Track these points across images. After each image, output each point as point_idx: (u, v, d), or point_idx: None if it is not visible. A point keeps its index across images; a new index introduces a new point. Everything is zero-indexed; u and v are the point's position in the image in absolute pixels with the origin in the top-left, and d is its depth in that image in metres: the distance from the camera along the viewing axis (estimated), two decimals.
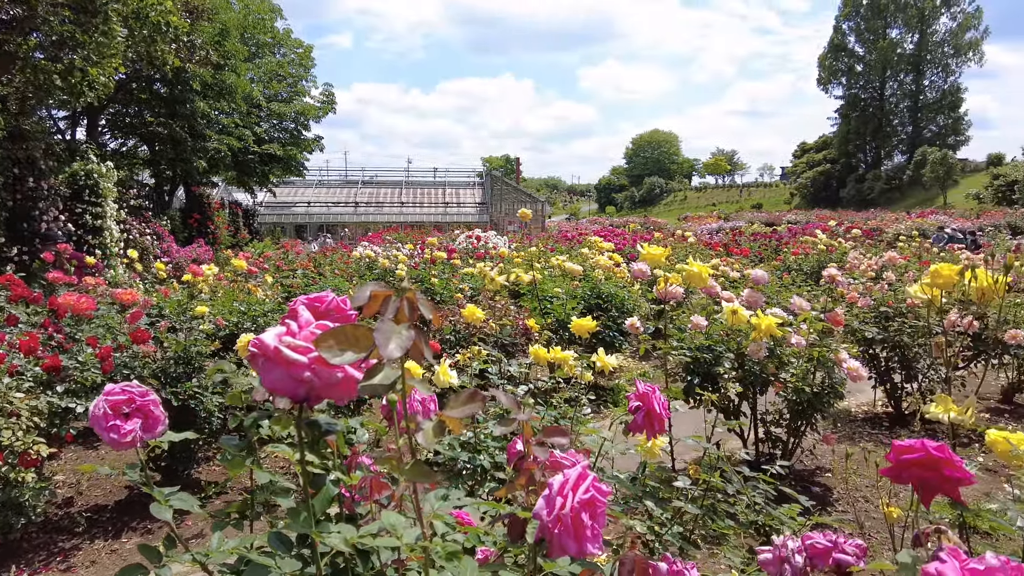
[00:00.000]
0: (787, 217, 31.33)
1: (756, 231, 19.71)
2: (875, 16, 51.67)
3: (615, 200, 74.77)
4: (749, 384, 3.75)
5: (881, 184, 46.71)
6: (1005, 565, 0.63)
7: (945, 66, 50.40)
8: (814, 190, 51.46)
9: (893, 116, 52.14)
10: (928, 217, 26.11)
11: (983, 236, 19.04)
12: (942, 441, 1.00)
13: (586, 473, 0.89)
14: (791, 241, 11.97)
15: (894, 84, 52.25)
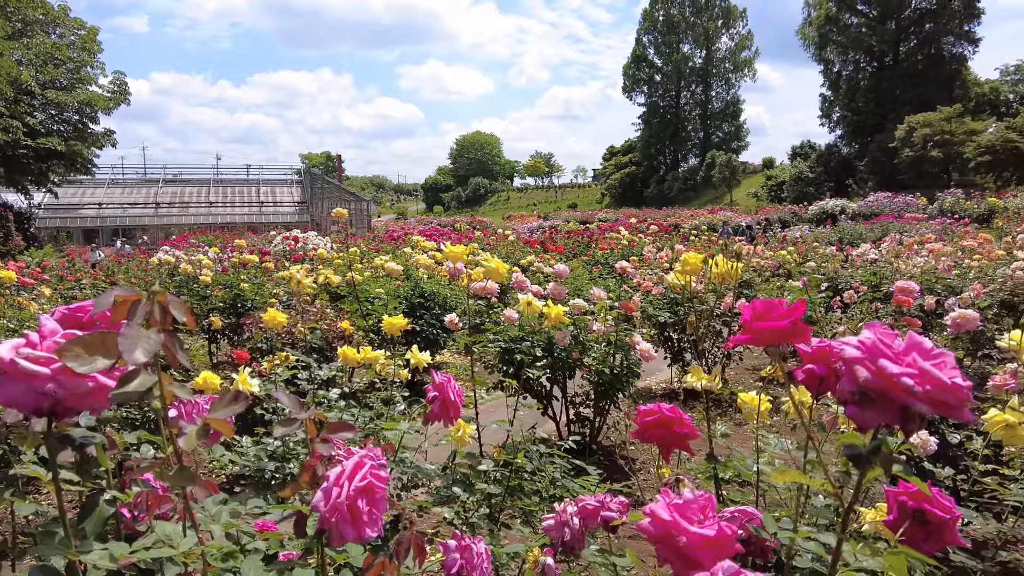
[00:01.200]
0: (599, 215, 33.64)
1: (571, 229, 20.96)
2: (670, 32, 57.09)
3: (442, 200, 75.34)
4: (559, 370, 4.02)
5: (679, 184, 51.72)
6: (699, 498, 0.77)
7: (728, 80, 57.03)
8: (622, 190, 55.73)
9: (688, 123, 57.95)
10: (717, 213, 29.41)
11: (759, 229, 21.86)
12: (725, 410, 1.17)
13: (363, 462, 0.93)
14: (600, 238, 12.89)
15: (687, 94, 58.09)
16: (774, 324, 0.69)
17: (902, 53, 41.37)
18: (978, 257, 6.24)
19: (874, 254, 6.48)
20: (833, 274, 6.46)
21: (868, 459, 0.64)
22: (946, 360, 0.63)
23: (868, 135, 38.76)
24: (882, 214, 19.84)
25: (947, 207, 19.62)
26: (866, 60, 43.22)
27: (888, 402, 0.61)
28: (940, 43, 40.30)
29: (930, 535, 0.91)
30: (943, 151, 29.92)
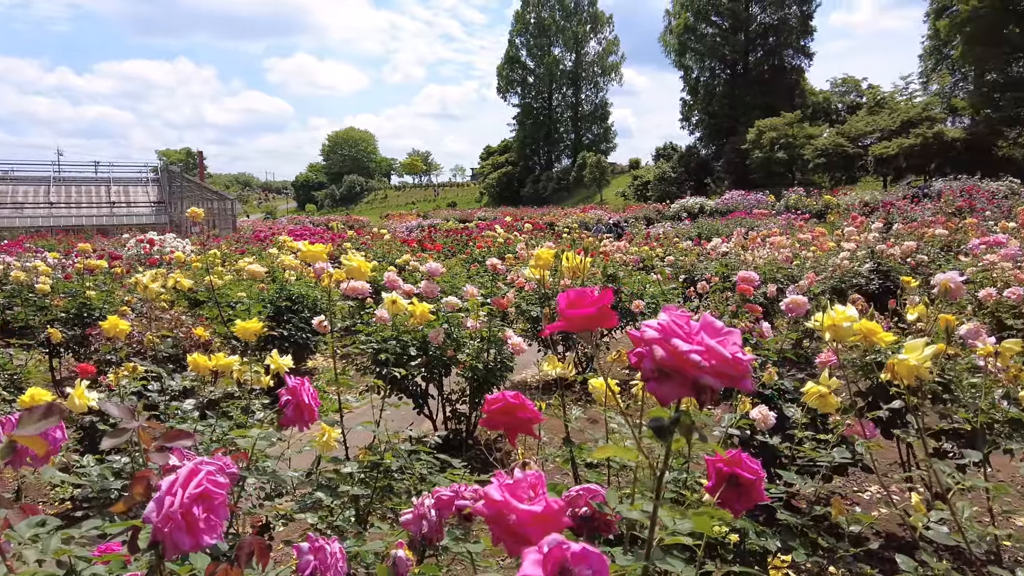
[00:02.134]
0: (478, 214, 33.93)
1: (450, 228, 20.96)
2: (541, 34, 58.52)
3: (315, 198, 72.74)
4: (434, 368, 4.02)
5: (553, 184, 53.21)
6: (527, 476, 0.81)
7: (596, 83, 59.36)
8: (499, 189, 56.52)
9: (560, 124, 59.72)
10: (589, 212, 30.54)
11: (627, 226, 22.98)
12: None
13: (198, 469, 0.89)
14: (478, 236, 13.00)
15: (559, 96, 59.84)
16: (583, 311, 0.75)
17: (751, 63, 44.97)
18: (814, 249, 6.94)
19: (725, 247, 7.04)
20: (690, 267, 6.93)
21: (669, 430, 0.71)
22: (731, 337, 0.71)
23: (723, 137, 41.79)
24: (736, 211, 21.52)
25: (791, 204, 21.60)
26: (721, 68, 46.57)
27: (682, 377, 0.68)
28: (782, 55, 44.25)
29: (741, 496, 1.02)
30: (787, 153, 32.87)
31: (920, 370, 1.20)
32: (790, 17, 43.82)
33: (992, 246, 4.87)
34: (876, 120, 31.01)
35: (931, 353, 1.21)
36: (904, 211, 14.43)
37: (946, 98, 33.55)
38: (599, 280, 6.08)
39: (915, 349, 1.21)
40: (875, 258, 5.99)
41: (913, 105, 31.72)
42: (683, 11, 46.12)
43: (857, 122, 32.32)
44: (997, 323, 4.39)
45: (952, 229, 7.71)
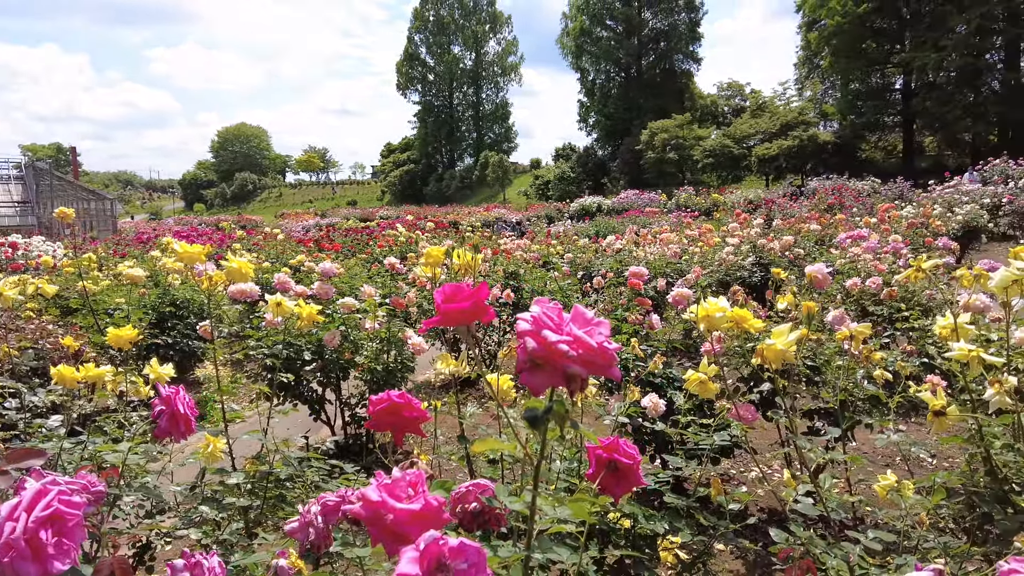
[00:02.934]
0: (380, 213, 33.33)
1: (350, 227, 20.47)
2: (441, 32, 58.23)
3: (204, 197, 68.90)
4: (331, 371, 3.91)
5: (457, 182, 53.11)
6: (406, 475, 0.80)
7: (496, 83, 59.77)
8: (401, 187, 55.79)
9: (461, 123, 59.68)
10: (492, 211, 30.72)
11: (529, 225, 23.31)
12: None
13: (46, 490, 0.82)
14: (379, 235, 12.78)
15: (460, 95, 59.78)
16: (459, 306, 0.75)
17: (644, 66, 46.77)
18: (701, 244, 7.31)
19: (618, 244, 7.29)
20: (587, 263, 7.12)
21: (543, 419, 0.72)
22: (599, 328, 0.73)
23: (619, 138, 43.24)
24: (631, 209, 22.32)
25: (682, 202, 22.67)
26: (615, 71, 48.14)
27: (552, 367, 0.69)
28: (672, 60, 46.34)
29: (620, 480, 1.05)
30: (678, 154, 34.45)
31: (786, 354, 1.29)
32: (679, 23, 45.95)
33: (856, 240, 5.32)
34: (758, 123, 33.09)
35: (795, 338, 1.30)
36: (784, 208, 15.49)
37: (819, 104, 36.30)
38: (500, 278, 6.13)
39: (781, 335, 1.30)
40: (757, 252, 6.39)
41: (791, 109, 34.12)
42: (579, 14, 47.33)
43: (741, 124, 34.36)
44: (861, 310, 4.79)
45: (824, 224, 8.35)
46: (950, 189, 15.38)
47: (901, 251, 5.04)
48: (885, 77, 32.36)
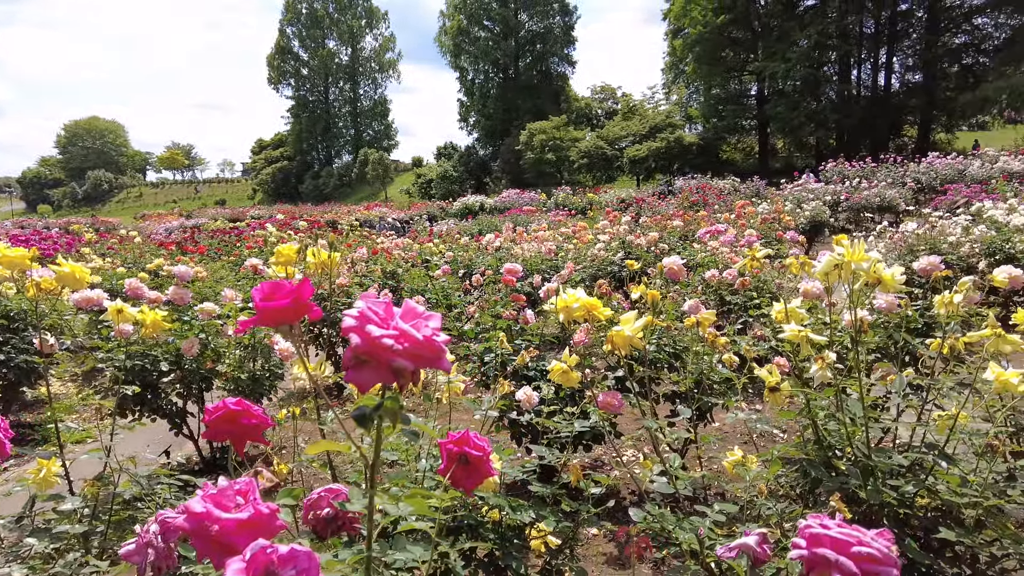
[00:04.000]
0: (251, 212, 31.67)
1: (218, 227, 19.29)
2: (314, 26, 56.21)
3: (50, 198, 62.44)
4: (192, 382, 3.66)
5: (335, 180, 51.55)
6: (233, 484, 0.76)
7: (374, 79, 58.57)
8: (275, 186, 53.39)
9: (338, 119, 57.95)
10: (373, 209, 30.07)
11: (412, 224, 23.07)
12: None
13: None
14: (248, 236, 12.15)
15: (336, 90, 58.04)
16: (278, 304, 0.72)
17: (522, 68, 47.57)
18: (576, 241, 7.55)
19: (498, 242, 7.38)
20: (468, 261, 7.15)
21: (371, 417, 0.71)
22: (428, 321, 0.72)
23: (499, 138, 43.75)
24: (513, 208, 22.65)
25: (560, 201, 23.28)
26: (494, 71, 48.62)
27: (378, 362, 0.68)
28: (548, 62, 47.49)
29: (471, 473, 1.06)
30: (556, 154, 35.38)
31: (633, 339, 1.35)
32: (554, 26, 47.17)
33: (714, 234, 5.69)
34: (629, 125, 34.66)
35: (641, 324, 1.37)
36: (653, 206, 16.34)
37: (684, 107, 38.57)
38: (379, 278, 6.01)
39: (628, 322, 1.37)
40: (626, 248, 6.69)
41: (659, 113, 36.00)
42: (456, 13, 47.36)
43: (614, 127, 35.86)
44: (720, 299, 5.14)
45: (687, 221, 8.89)
46: (799, 187, 16.86)
47: (753, 244, 5.45)
48: (742, 84, 34.94)
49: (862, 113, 30.01)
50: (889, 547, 0.72)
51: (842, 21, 29.76)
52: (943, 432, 1.69)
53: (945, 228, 7.37)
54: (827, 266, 1.42)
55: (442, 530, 1.78)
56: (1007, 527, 1.50)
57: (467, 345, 3.28)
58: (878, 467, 1.55)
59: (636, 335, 1.36)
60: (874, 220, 12.57)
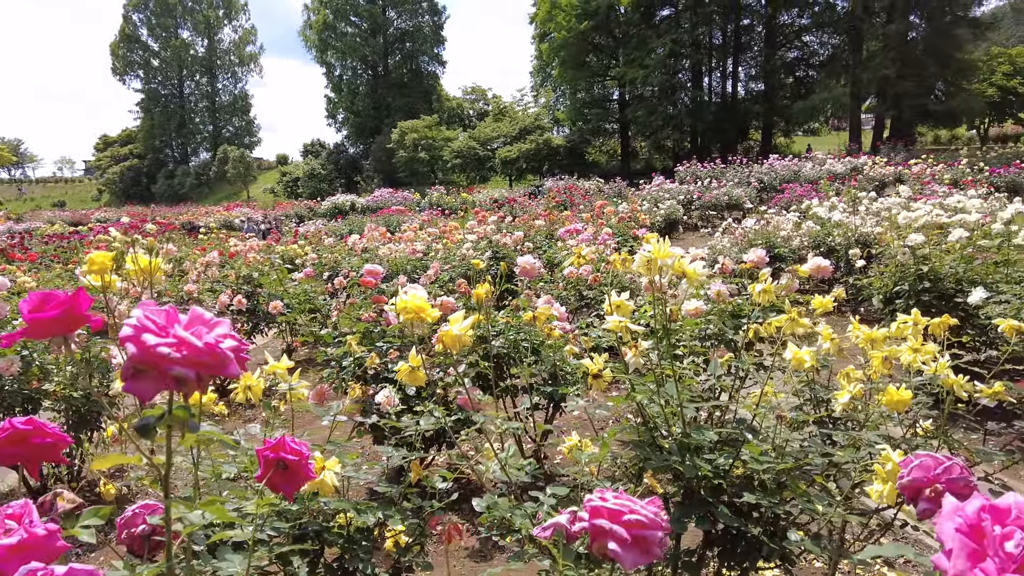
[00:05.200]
0: (96, 215, 28.93)
1: (56, 232, 17.48)
2: (165, 14, 52.18)
3: None
4: (13, 406, 3.31)
5: (192, 179, 48.21)
6: (10, 506, 0.72)
7: (234, 73, 55.34)
8: (124, 186, 49.10)
9: (195, 114, 54.24)
10: (235, 210, 28.46)
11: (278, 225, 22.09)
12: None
13: None
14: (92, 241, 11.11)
15: (192, 84, 54.28)
16: (47, 315, 0.69)
17: (391, 65, 46.90)
18: (445, 241, 7.58)
19: (364, 243, 7.26)
20: (334, 263, 6.98)
21: (153, 428, 0.70)
22: (212, 328, 0.72)
23: (370, 136, 42.89)
24: (386, 207, 22.30)
25: (434, 201, 23.23)
26: (363, 68, 47.55)
27: (158, 371, 0.68)
28: (419, 60, 47.17)
29: (291, 477, 1.06)
30: (429, 154, 35.25)
31: (462, 338, 1.41)
32: (424, 25, 46.92)
33: (573, 233, 5.94)
34: (500, 127, 35.22)
35: (470, 323, 1.43)
36: (524, 206, 16.73)
37: (552, 110, 39.73)
38: (232, 282, 5.72)
39: (456, 321, 1.41)
40: (493, 247, 6.82)
41: (528, 115, 36.85)
42: (322, 8, 45.84)
43: (485, 128, 36.29)
44: (579, 294, 5.38)
45: (553, 220, 9.20)
46: (656, 188, 17.93)
47: (607, 242, 5.75)
48: (605, 88, 36.54)
49: (713, 118, 32.42)
50: (657, 513, 0.81)
51: (694, 32, 31.97)
52: (751, 408, 1.89)
53: (780, 224, 8.15)
54: (641, 262, 1.54)
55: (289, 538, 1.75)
56: (800, 487, 1.71)
57: (324, 350, 3.22)
58: (695, 444, 1.71)
59: (464, 334, 1.41)
60: (722, 217, 13.62)
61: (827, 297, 2.38)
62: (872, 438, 1.80)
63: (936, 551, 0.65)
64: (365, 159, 42.24)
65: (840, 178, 16.03)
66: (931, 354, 1.97)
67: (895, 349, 1.99)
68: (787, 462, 1.77)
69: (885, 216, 6.44)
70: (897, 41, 26.96)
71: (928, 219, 4.59)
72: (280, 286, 5.50)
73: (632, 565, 0.78)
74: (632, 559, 0.78)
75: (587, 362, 1.77)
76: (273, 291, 5.55)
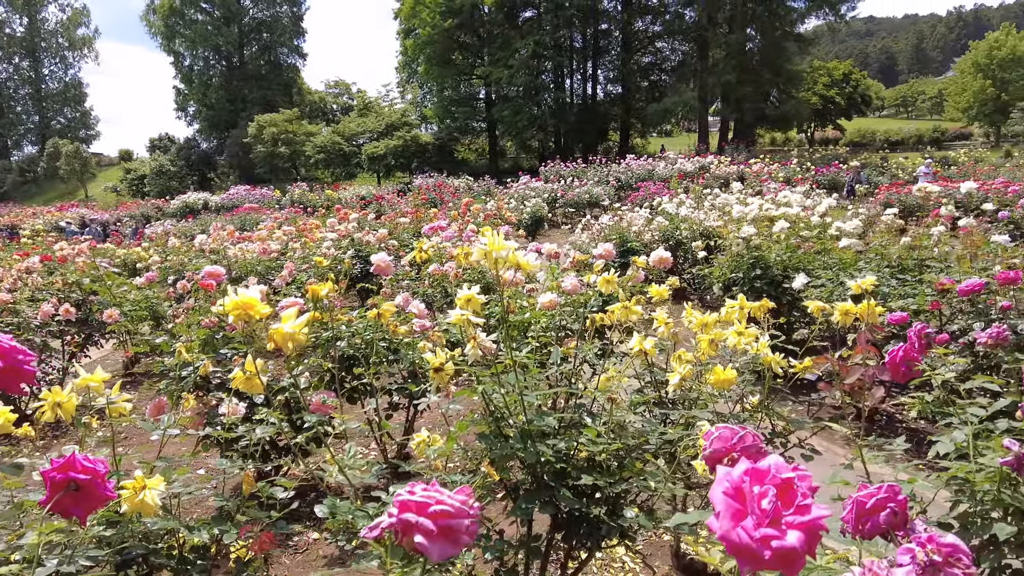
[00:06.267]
0: None
1: None
2: None
3: None
4: None
5: (15, 176, 42.95)
6: None
7: (63, 58, 49.85)
8: None
9: (16, 103, 48.39)
10: (69, 210, 25.69)
11: (121, 226, 20.18)
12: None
13: None
14: None
15: (11, 68, 48.26)
16: None
17: (247, 56, 44.34)
18: (305, 240, 7.28)
19: (210, 244, 6.81)
20: (179, 265, 6.49)
21: None
22: None
23: (225, 131, 40.32)
24: (243, 206, 21.03)
25: (296, 198, 22.25)
26: (216, 58, 44.58)
27: None
28: (277, 52, 44.97)
29: (84, 499, 0.96)
30: (290, 149, 33.72)
31: (295, 336, 1.35)
32: (282, 15, 44.79)
33: (437, 230, 5.92)
34: (366, 122, 34.41)
35: (304, 320, 1.37)
36: (392, 203, 16.45)
37: (419, 107, 39.37)
38: (59, 290, 5.16)
39: (288, 318, 1.35)
40: (356, 246, 6.64)
41: (395, 111, 36.25)
42: None
43: (350, 123, 35.31)
44: (444, 291, 5.37)
45: (419, 218, 9.12)
46: (523, 186, 18.31)
47: (471, 239, 5.78)
48: (472, 87, 36.72)
49: (575, 119, 33.63)
50: (465, 501, 0.82)
51: (555, 34, 32.92)
52: (591, 393, 1.98)
53: (632, 220, 8.60)
54: (478, 255, 1.56)
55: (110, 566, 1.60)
56: (636, 466, 1.81)
57: (161, 360, 2.98)
58: (537, 430, 1.76)
59: (298, 331, 1.36)
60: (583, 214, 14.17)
61: (663, 287, 2.54)
62: (702, 415, 1.94)
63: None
64: (220, 155, 39.63)
65: (690, 176, 17.20)
66: (753, 336, 2.15)
67: (720, 332, 2.15)
68: (625, 441, 1.87)
69: (726, 211, 6.99)
70: (737, 50, 29.41)
71: (758, 213, 5.05)
72: (111, 292, 5.02)
73: (440, 557, 0.78)
74: (439, 550, 0.78)
75: (429, 356, 1.76)
76: (107, 299, 5.06)
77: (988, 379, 2.00)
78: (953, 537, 0.90)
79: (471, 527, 0.81)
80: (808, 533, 0.66)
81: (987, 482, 1.55)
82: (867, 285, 2.29)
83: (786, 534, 0.65)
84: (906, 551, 0.91)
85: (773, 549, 0.64)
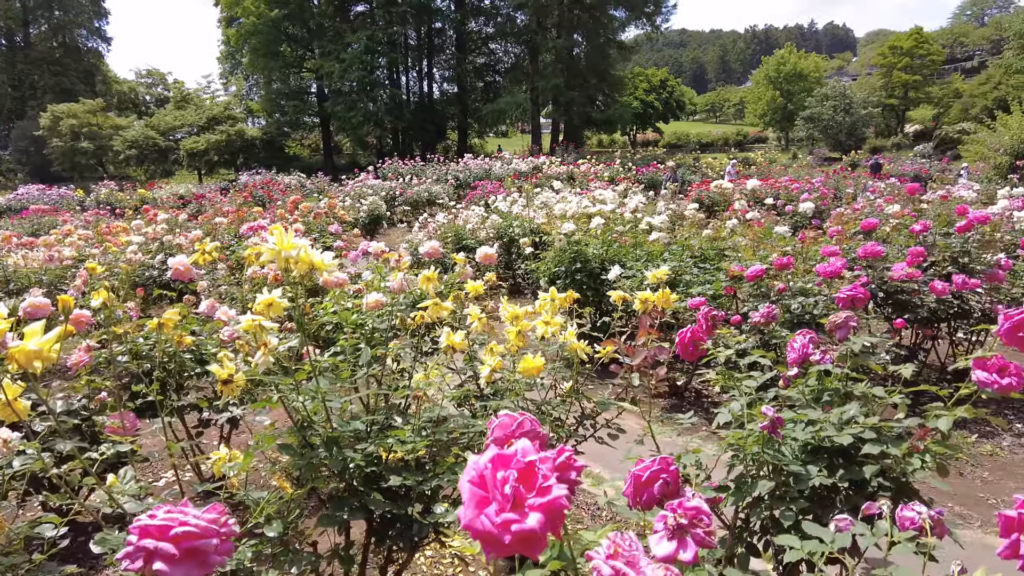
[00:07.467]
0: None
1: None
2: None
3: None
4: None
5: None
6: None
7: None
8: None
9: None
10: None
11: None
12: None
13: None
14: None
15: None
16: None
17: (34, 37, 38.97)
18: (108, 244, 6.53)
19: None
20: None
21: None
22: None
23: (10, 122, 35.19)
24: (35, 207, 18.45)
25: (103, 199, 19.94)
26: None
27: None
28: (74, 33, 39.98)
29: None
30: (94, 143, 30.16)
31: (42, 354, 1.19)
32: None
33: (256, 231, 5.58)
34: (184, 115, 31.67)
35: (55, 336, 1.21)
36: (215, 202, 15.27)
37: (244, 100, 36.93)
38: None
39: (34, 334, 1.19)
40: (166, 249, 6.08)
41: (217, 104, 33.71)
42: None
43: (166, 116, 32.31)
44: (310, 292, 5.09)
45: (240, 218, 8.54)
46: (359, 184, 17.83)
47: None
48: (303, 80, 35.07)
49: (412, 117, 33.35)
50: (215, 520, 0.76)
51: (388, 30, 32.40)
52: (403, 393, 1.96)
53: (468, 218, 8.70)
54: (269, 254, 1.48)
55: None
56: (447, 462, 1.82)
57: None
58: (343, 435, 1.71)
59: (46, 349, 1.20)
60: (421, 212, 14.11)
61: (478, 283, 2.58)
62: (505, 405, 1.99)
63: None
64: (4, 149, 34.49)
65: (524, 176, 17.75)
66: (559, 325, 2.24)
67: (527, 324, 2.23)
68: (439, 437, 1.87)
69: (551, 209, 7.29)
70: (565, 55, 30.82)
71: (577, 210, 5.32)
72: None
73: None
74: (184, 575, 0.72)
75: (215, 367, 1.65)
76: None
77: (762, 354, 2.25)
78: (698, 501, 0.99)
79: (222, 546, 0.76)
80: (549, 514, 0.69)
81: (754, 445, 1.75)
82: (661, 275, 2.49)
83: (527, 517, 0.67)
84: (660, 518, 1.00)
85: (513, 533, 0.66)
